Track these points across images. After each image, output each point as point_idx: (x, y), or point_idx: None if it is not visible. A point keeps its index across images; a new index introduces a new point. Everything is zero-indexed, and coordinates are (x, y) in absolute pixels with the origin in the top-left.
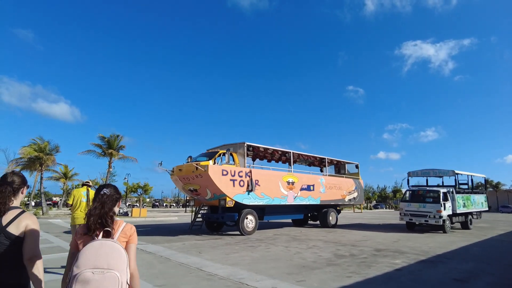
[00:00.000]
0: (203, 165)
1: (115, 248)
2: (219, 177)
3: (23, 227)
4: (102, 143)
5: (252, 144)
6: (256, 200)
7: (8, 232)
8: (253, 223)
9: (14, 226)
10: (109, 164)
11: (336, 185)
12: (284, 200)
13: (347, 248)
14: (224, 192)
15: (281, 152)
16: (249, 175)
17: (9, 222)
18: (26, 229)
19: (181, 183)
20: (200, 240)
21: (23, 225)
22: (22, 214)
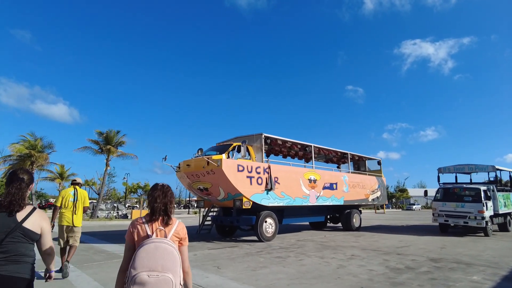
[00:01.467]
0: (216, 159)
1: (168, 251)
2: (234, 174)
3: (38, 224)
4: (100, 139)
5: (270, 135)
6: (276, 201)
7: (24, 228)
8: (272, 227)
9: (30, 222)
10: (107, 162)
11: (359, 184)
12: (306, 201)
13: (395, 258)
14: (240, 191)
15: (300, 145)
16: (268, 172)
17: (24, 218)
18: (42, 227)
19: (188, 180)
20: (213, 249)
21: (38, 222)
22: (35, 210)
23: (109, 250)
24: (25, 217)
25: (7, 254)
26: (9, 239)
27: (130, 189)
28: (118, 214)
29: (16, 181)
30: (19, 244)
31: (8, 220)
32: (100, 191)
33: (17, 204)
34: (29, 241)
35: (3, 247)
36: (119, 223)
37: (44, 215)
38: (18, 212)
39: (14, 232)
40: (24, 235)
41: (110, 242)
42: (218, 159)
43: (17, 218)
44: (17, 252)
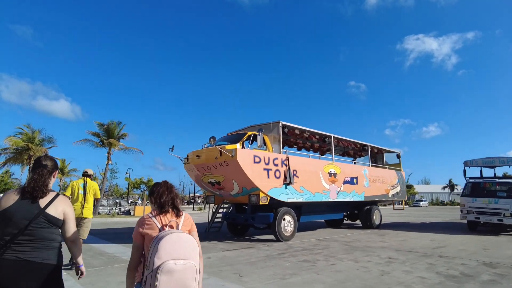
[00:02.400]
0: (230, 149)
1: (189, 240)
2: (251, 165)
3: (62, 211)
4: (101, 131)
5: (288, 124)
6: (295, 196)
7: (48, 214)
8: (291, 225)
9: (53, 208)
10: (108, 156)
11: (379, 178)
12: (326, 196)
13: (440, 262)
14: (256, 185)
15: (319, 136)
16: (286, 164)
17: (47, 204)
18: (65, 213)
19: (198, 173)
20: (228, 251)
21: (61, 209)
22: (58, 197)
23: (110, 252)
24: (48, 203)
25: (33, 240)
26: (33, 225)
27: (133, 184)
28: (120, 210)
29: (39, 167)
30: (44, 229)
31: (32, 207)
32: (101, 187)
33: (39, 190)
34: (53, 227)
35: (28, 233)
36: (121, 220)
37: (68, 201)
38: (41, 199)
39: (38, 218)
40: (47, 221)
41: (111, 242)
42: (232, 148)
43: (40, 204)
44: (42, 238)
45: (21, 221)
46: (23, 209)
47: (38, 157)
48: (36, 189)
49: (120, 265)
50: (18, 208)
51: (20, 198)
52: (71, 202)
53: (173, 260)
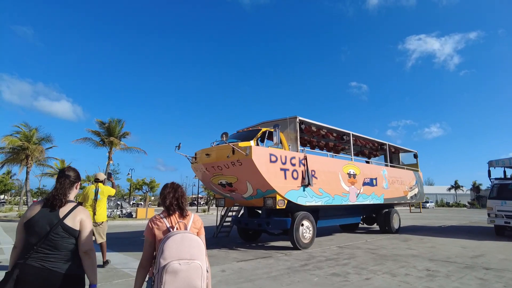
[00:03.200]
0: (244, 147)
1: (194, 240)
2: (266, 165)
3: (78, 221)
4: (101, 129)
5: (305, 119)
6: (313, 199)
7: (65, 224)
8: (310, 231)
9: (70, 219)
10: (109, 156)
11: (398, 179)
12: (346, 199)
13: (490, 276)
14: (273, 187)
15: (336, 133)
16: (305, 164)
17: (66, 214)
18: (82, 223)
19: (207, 174)
20: (243, 261)
21: (78, 219)
22: (77, 207)
23: (110, 262)
24: (67, 213)
25: (55, 250)
26: (53, 234)
27: (135, 185)
28: (122, 212)
29: (61, 177)
30: (64, 239)
31: (51, 215)
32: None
33: (58, 200)
34: (70, 237)
35: (49, 242)
36: (123, 223)
37: (86, 212)
38: (60, 208)
39: (57, 228)
40: (65, 230)
41: (110, 250)
42: (246, 146)
43: (59, 214)
44: (63, 248)
45: (42, 230)
46: (44, 218)
47: (63, 168)
48: (56, 197)
49: (121, 280)
50: (40, 217)
51: (42, 208)
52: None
53: (177, 260)
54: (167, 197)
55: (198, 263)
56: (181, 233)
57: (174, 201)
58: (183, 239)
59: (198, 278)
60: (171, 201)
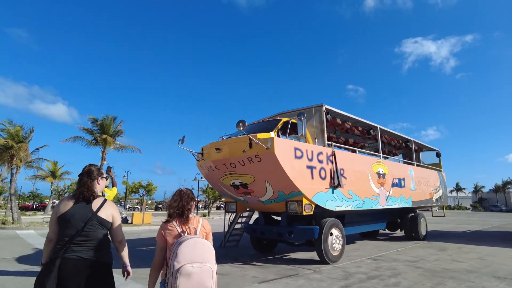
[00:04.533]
0: (264, 139)
1: (205, 244)
2: (291, 161)
3: (110, 214)
4: (94, 127)
5: (332, 108)
6: (343, 203)
7: (99, 217)
8: (340, 242)
9: (103, 211)
10: (103, 155)
11: (424, 180)
12: (376, 202)
13: None
14: (299, 189)
15: (362, 127)
16: (333, 161)
17: (98, 208)
18: (113, 216)
19: (217, 173)
20: (266, 282)
21: (109, 212)
22: (106, 202)
23: None
24: (99, 207)
25: (88, 240)
26: (88, 226)
27: (131, 188)
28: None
29: (80, 175)
30: (97, 231)
31: (86, 210)
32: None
33: (87, 194)
34: (103, 228)
35: (84, 234)
36: None
37: (115, 206)
38: (91, 202)
39: (92, 220)
40: (99, 222)
41: None
42: (266, 138)
43: (92, 208)
44: (96, 238)
45: (78, 223)
46: (79, 212)
47: (85, 167)
48: (84, 193)
49: None
50: (75, 211)
51: (75, 203)
52: None
53: (190, 264)
54: (173, 205)
55: (209, 266)
56: (193, 238)
57: (177, 210)
58: (196, 243)
59: (209, 280)
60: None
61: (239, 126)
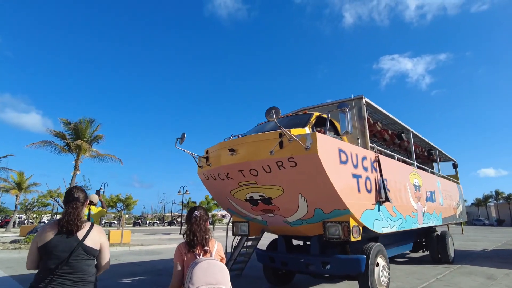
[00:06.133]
0: (301, 134)
1: (219, 266)
2: (336, 168)
3: (98, 242)
4: (67, 131)
5: (372, 103)
6: (389, 223)
7: (85, 245)
8: (387, 273)
9: (90, 239)
10: (76, 164)
11: (449, 193)
12: (415, 221)
13: None
14: (346, 205)
15: (392, 130)
16: (376, 168)
17: (85, 236)
18: (102, 243)
19: (228, 183)
20: None
21: (97, 239)
22: (93, 227)
23: None
24: (85, 234)
25: (72, 273)
26: (73, 257)
27: (108, 202)
28: None
29: (72, 201)
30: (82, 262)
31: (71, 239)
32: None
33: (73, 224)
34: (90, 258)
35: (69, 266)
36: None
37: (102, 230)
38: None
39: (77, 250)
40: (86, 252)
41: None
42: (303, 134)
43: (78, 237)
44: (80, 270)
45: (62, 254)
46: (63, 242)
47: (70, 189)
48: (70, 223)
49: None
50: (59, 241)
51: (58, 232)
52: None
53: (205, 286)
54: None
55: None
56: (207, 260)
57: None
58: (209, 265)
59: None
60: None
61: (270, 115)
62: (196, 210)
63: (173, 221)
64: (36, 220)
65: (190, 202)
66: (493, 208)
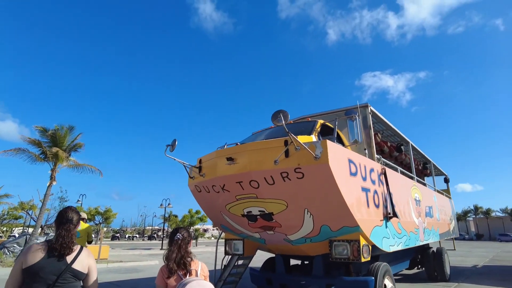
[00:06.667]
0: (309, 142)
1: (208, 286)
2: (347, 180)
3: (87, 265)
4: (43, 139)
5: (377, 112)
6: (395, 241)
7: (73, 269)
8: None
9: (79, 263)
10: (52, 175)
11: (443, 208)
12: (417, 238)
13: None
14: (357, 221)
15: (391, 142)
16: (383, 181)
17: (74, 259)
18: (90, 267)
19: (225, 196)
20: None
21: (85, 263)
22: (82, 251)
23: None
24: (74, 258)
25: None
26: (60, 280)
27: (86, 215)
28: None
29: (66, 223)
30: (70, 284)
31: (59, 263)
32: (38, 217)
33: (67, 247)
34: (77, 281)
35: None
36: None
37: (90, 253)
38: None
39: (65, 274)
40: (73, 275)
41: None
42: (313, 142)
43: (67, 260)
44: None
45: (50, 276)
46: (51, 265)
47: (63, 211)
48: (64, 246)
49: None
50: (47, 264)
51: (47, 255)
52: None
53: None
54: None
55: None
56: (196, 280)
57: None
58: (199, 285)
59: None
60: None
61: (278, 119)
62: (178, 232)
63: (154, 235)
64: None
65: (171, 216)
66: (472, 222)
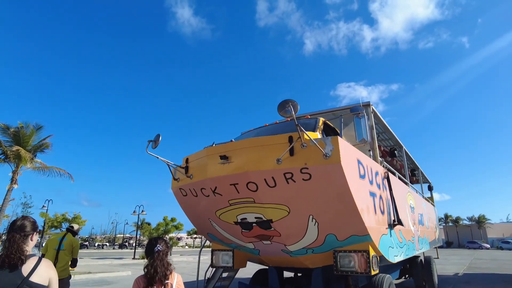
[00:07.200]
0: (318, 139)
1: None
2: (357, 183)
3: (46, 277)
4: (4, 138)
5: (377, 112)
6: (398, 250)
7: (32, 282)
8: None
9: (37, 275)
10: (14, 177)
11: (430, 216)
12: (414, 246)
13: None
14: (367, 229)
15: (383, 147)
16: (386, 186)
17: (31, 272)
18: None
19: (216, 200)
20: None
21: (45, 275)
22: (41, 262)
23: None
24: (31, 270)
25: None
26: None
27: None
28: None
29: (10, 232)
30: None
31: (14, 276)
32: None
33: (14, 257)
34: None
35: None
36: None
37: (51, 265)
38: (21, 266)
39: None
40: None
41: None
42: (324, 138)
43: (22, 273)
44: None
45: None
46: (4, 280)
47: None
48: (10, 256)
49: None
50: None
51: None
52: None
53: None
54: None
55: None
56: None
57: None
58: None
59: None
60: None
61: (286, 110)
62: (158, 244)
63: (125, 244)
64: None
65: (144, 224)
66: (442, 230)
